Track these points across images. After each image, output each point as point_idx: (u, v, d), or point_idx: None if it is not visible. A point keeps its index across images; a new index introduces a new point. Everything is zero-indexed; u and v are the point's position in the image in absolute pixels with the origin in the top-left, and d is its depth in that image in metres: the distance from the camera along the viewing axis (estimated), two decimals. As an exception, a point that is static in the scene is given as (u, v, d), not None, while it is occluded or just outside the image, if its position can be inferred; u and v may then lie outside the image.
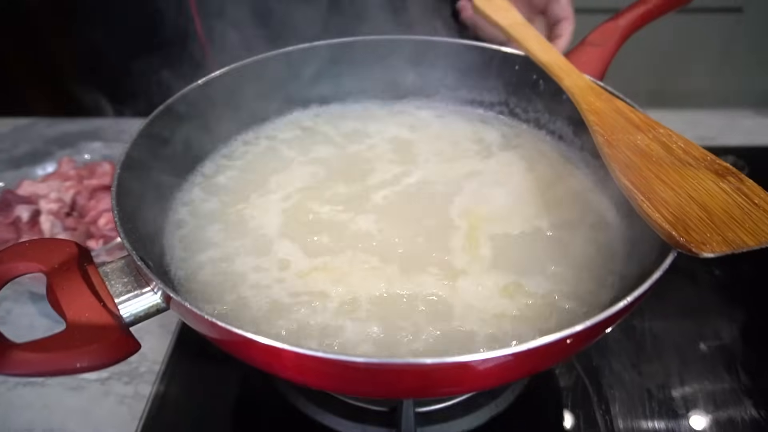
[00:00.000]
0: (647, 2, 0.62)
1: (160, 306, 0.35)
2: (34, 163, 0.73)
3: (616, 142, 0.43)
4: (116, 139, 0.83)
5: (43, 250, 0.35)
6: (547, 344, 0.30)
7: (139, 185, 0.44)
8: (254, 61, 0.57)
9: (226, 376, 0.55)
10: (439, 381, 0.32)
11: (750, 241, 0.34)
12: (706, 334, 0.58)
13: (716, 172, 0.39)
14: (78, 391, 0.55)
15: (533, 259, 0.44)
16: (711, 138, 0.90)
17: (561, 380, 0.54)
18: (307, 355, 0.30)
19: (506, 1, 0.65)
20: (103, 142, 0.77)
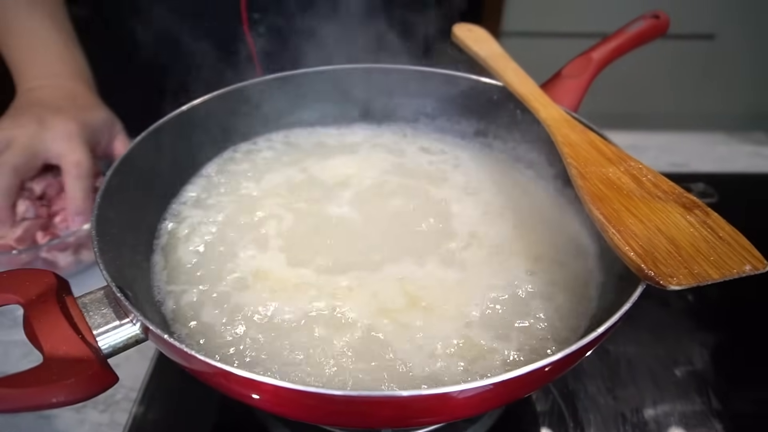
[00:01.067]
0: (619, 37, 0.64)
1: (139, 337, 0.35)
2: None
3: (588, 175, 0.44)
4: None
5: (20, 280, 0.35)
6: (523, 374, 0.30)
7: (120, 211, 0.44)
8: (242, 87, 0.58)
9: (204, 403, 0.55)
10: (417, 412, 0.32)
11: (715, 274, 0.35)
12: (679, 358, 0.59)
13: (684, 206, 0.41)
14: (51, 419, 0.54)
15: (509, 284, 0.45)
16: (683, 164, 0.93)
17: (538, 405, 0.54)
18: (285, 388, 0.30)
19: (485, 32, 0.67)
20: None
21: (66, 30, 0.76)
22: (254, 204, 0.54)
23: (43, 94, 0.70)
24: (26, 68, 0.72)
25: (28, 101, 0.69)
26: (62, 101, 0.69)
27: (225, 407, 0.54)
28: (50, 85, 0.71)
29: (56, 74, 0.72)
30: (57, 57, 0.73)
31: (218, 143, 0.60)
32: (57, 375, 0.30)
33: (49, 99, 0.69)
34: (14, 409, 0.28)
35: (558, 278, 0.46)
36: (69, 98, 0.70)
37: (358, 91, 0.64)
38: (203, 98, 0.55)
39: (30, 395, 0.29)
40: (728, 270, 0.35)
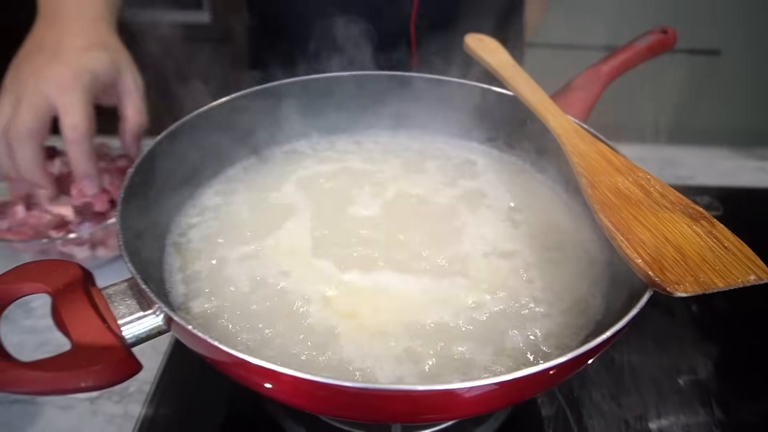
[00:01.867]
0: (628, 51, 0.66)
1: (162, 328, 0.36)
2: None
3: (598, 184, 0.46)
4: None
5: (47, 271, 0.37)
6: (529, 375, 0.31)
7: (142, 207, 0.45)
8: (272, 86, 0.60)
9: (215, 397, 0.56)
10: (426, 408, 0.34)
11: (720, 282, 0.36)
12: (683, 368, 0.60)
13: (690, 216, 0.42)
14: (67, 410, 0.55)
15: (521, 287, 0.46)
16: (688, 177, 0.94)
17: (543, 409, 0.55)
18: (301, 379, 0.31)
19: (496, 42, 0.69)
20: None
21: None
22: (274, 202, 0.56)
23: (50, 29, 0.65)
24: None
25: (34, 39, 0.65)
26: (67, 38, 0.63)
27: (236, 400, 0.55)
28: (59, 15, 0.65)
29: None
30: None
31: (242, 145, 0.62)
32: (86, 361, 0.31)
33: (53, 36, 0.64)
34: (46, 391, 0.30)
35: (566, 283, 0.47)
36: (75, 34, 0.64)
37: (373, 97, 0.65)
38: (228, 97, 0.57)
39: (61, 379, 0.30)
40: (733, 279, 0.36)
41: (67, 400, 0.56)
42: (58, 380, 0.30)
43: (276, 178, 0.60)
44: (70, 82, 0.60)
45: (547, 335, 0.43)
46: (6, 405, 0.56)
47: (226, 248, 0.50)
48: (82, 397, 0.57)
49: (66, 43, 0.63)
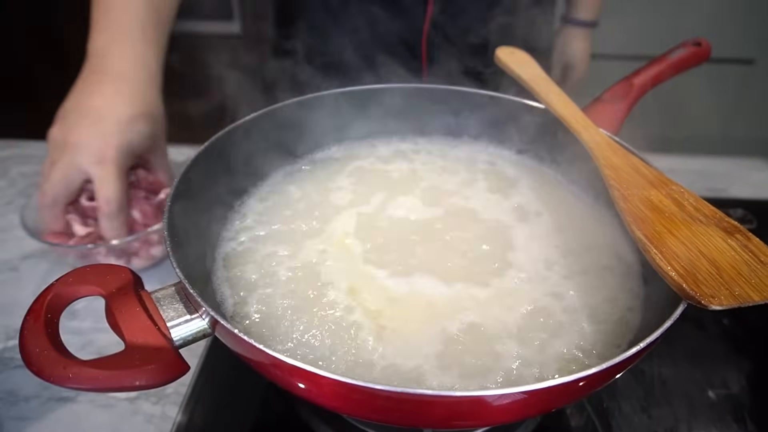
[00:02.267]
0: (661, 63, 0.66)
1: (207, 331, 0.38)
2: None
3: (630, 197, 0.46)
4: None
5: (102, 274, 0.39)
6: (559, 385, 0.32)
7: (189, 214, 0.47)
8: (313, 98, 0.62)
9: (248, 399, 0.57)
10: (458, 413, 0.34)
11: (756, 296, 0.36)
12: (714, 381, 0.60)
13: (725, 230, 0.42)
14: (108, 408, 0.58)
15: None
16: (721, 189, 0.93)
17: (572, 420, 0.55)
18: (342, 382, 0.32)
19: (527, 55, 0.70)
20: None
21: (156, 25, 0.70)
22: (315, 209, 0.58)
23: (98, 87, 0.65)
24: (103, 42, 0.66)
25: (82, 94, 0.65)
26: (113, 105, 0.63)
27: (268, 403, 0.57)
28: (108, 71, 0.65)
29: (126, 57, 0.66)
30: (138, 38, 0.67)
31: (281, 153, 0.64)
32: (139, 361, 0.33)
33: (98, 100, 0.63)
34: (104, 388, 0.32)
35: (599, 295, 0.48)
36: (121, 101, 0.64)
37: (405, 108, 0.67)
38: (269, 108, 0.59)
39: (118, 377, 0.32)
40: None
41: (108, 399, 0.59)
42: (115, 378, 0.32)
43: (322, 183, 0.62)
44: (108, 156, 0.62)
45: (581, 345, 0.44)
46: (51, 403, 0.58)
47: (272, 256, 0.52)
48: (122, 396, 0.59)
49: (110, 112, 0.63)
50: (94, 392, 0.33)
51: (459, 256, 0.51)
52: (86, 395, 0.59)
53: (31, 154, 0.99)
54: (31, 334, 0.33)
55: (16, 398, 0.58)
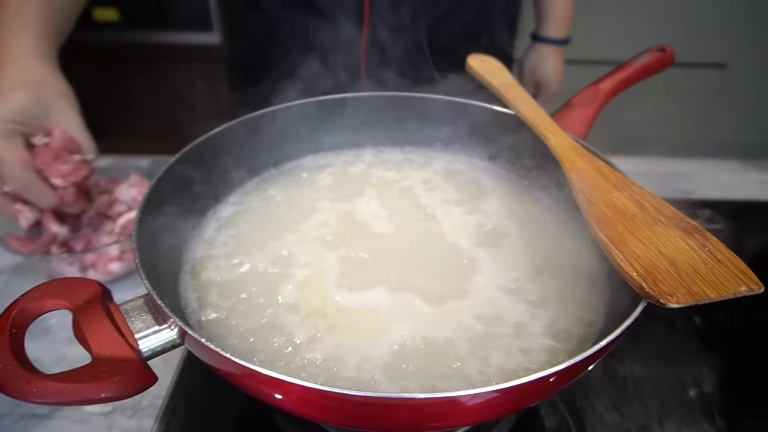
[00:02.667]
0: (626, 69, 0.68)
1: (176, 342, 0.38)
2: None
3: (594, 200, 0.47)
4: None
5: (69, 288, 0.39)
6: (529, 382, 0.33)
7: (157, 225, 0.47)
8: (281, 108, 0.63)
9: (225, 411, 0.57)
10: (430, 415, 0.35)
11: (712, 294, 0.37)
12: (685, 379, 0.61)
13: (684, 230, 0.43)
14: (82, 424, 0.57)
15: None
16: (691, 191, 0.95)
17: (546, 420, 0.56)
18: (309, 388, 0.33)
19: (498, 63, 0.71)
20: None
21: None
22: (284, 217, 0.58)
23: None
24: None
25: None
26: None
27: (245, 414, 0.57)
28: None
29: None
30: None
31: (252, 164, 0.64)
32: (105, 373, 0.33)
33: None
34: (69, 401, 0.31)
35: (568, 297, 0.49)
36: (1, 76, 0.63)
37: (376, 117, 0.68)
38: (234, 122, 0.59)
39: (83, 390, 0.32)
40: (725, 290, 0.38)
41: (82, 414, 0.58)
42: (80, 391, 0.32)
43: (293, 192, 0.62)
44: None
45: (550, 345, 0.44)
46: (24, 420, 0.57)
47: (238, 264, 0.52)
48: (97, 410, 0.58)
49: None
50: (60, 405, 0.32)
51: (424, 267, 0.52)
52: (60, 411, 0.58)
53: None
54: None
55: (-13, 416, 0.58)
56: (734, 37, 2.66)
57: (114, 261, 0.69)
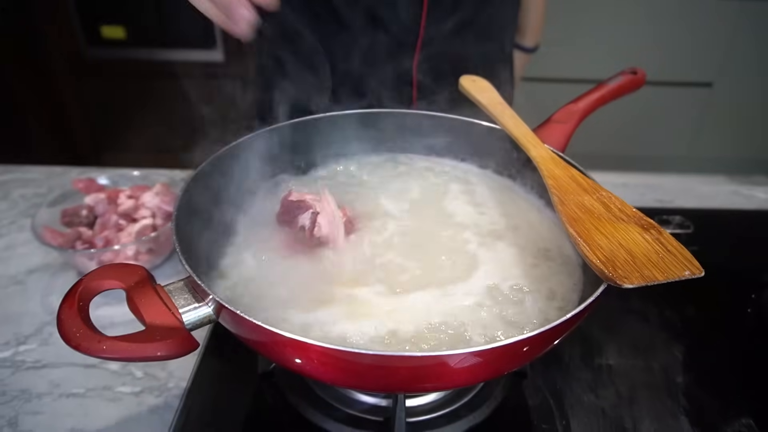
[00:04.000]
0: (601, 89, 0.76)
1: (212, 317, 0.45)
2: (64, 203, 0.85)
3: (567, 201, 0.55)
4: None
5: (122, 272, 0.46)
6: (506, 345, 0.40)
7: (192, 218, 0.55)
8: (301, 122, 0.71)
9: (242, 390, 0.64)
10: (422, 375, 0.42)
11: (660, 276, 0.45)
12: (654, 366, 0.68)
13: (642, 226, 0.51)
14: (115, 402, 0.64)
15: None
16: (668, 201, 1.03)
17: (529, 400, 0.63)
18: (326, 348, 0.40)
19: (487, 83, 0.79)
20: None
21: None
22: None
23: None
24: None
25: None
26: None
27: (261, 393, 0.64)
28: None
29: None
30: None
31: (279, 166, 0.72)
32: (159, 336, 0.40)
33: None
34: (132, 358, 0.39)
35: (548, 280, 0.56)
36: None
37: (379, 131, 0.76)
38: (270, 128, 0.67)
39: (143, 349, 0.39)
40: (671, 274, 0.45)
41: (115, 393, 0.65)
42: (141, 349, 0.39)
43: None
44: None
45: (533, 320, 0.52)
46: (62, 399, 0.64)
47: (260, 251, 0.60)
48: (128, 390, 0.65)
49: None
50: (125, 361, 0.39)
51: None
52: (94, 391, 0.65)
53: (30, 177, 1.06)
54: (68, 317, 0.40)
55: (29, 396, 0.64)
56: (719, 57, 2.77)
57: (129, 260, 0.77)
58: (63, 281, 0.81)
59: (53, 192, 1.01)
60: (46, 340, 0.72)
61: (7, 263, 0.84)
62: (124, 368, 0.68)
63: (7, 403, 0.63)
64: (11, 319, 0.74)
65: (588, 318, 0.49)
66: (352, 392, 0.61)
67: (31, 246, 0.87)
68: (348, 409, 0.60)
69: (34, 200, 1.00)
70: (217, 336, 0.70)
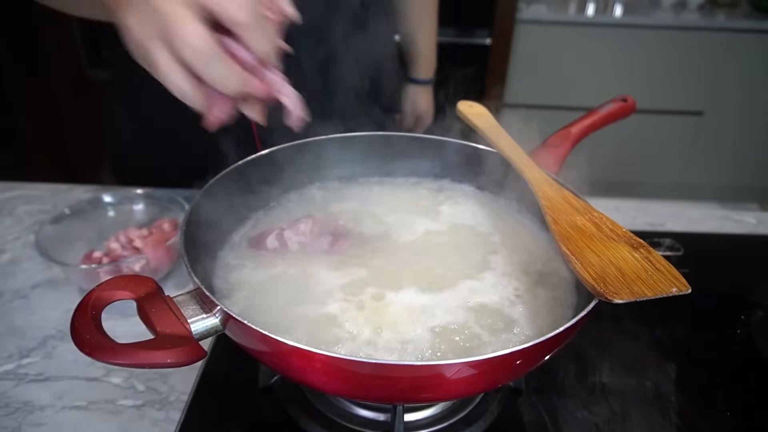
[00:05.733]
0: (593, 115, 0.79)
1: (218, 328, 0.47)
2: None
3: (560, 221, 0.57)
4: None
5: (133, 283, 0.48)
6: (502, 356, 0.42)
7: (197, 235, 0.57)
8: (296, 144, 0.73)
9: (242, 404, 0.65)
10: (421, 385, 0.44)
11: (649, 292, 0.47)
12: (646, 384, 0.70)
13: (632, 246, 0.53)
14: (117, 414, 0.65)
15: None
16: (659, 224, 1.06)
17: (525, 415, 0.65)
18: (330, 356, 0.42)
19: (483, 108, 0.82)
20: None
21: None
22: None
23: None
24: None
25: None
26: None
27: (259, 407, 0.65)
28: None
29: None
30: None
31: (265, 193, 0.74)
32: (169, 344, 0.41)
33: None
34: (143, 364, 0.40)
35: (542, 298, 0.58)
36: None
37: (376, 153, 0.79)
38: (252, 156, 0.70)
39: (154, 356, 0.40)
40: (659, 290, 0.47)
41: (117, 406, 0.66)
42: (151, 356, 0.40)
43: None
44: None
45: (525, 336, 0.54)
46: (64, 411, 0.65)
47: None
48: (130, 404, 0.66)
49: None
50: (136, 367, 0.41)
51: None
52: (96, 403, 0.66)
53: (35, 194, 1.08)
54: (81, 324, 0.42)
55: (32, 408, 0.65)
56: (710, 87, 2.84)
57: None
58: (66, 296, 0.83)
59: (57, 209, 1.04)
60: (50, 353, 0.73)
61: (12, 278, 0.85)
62: (127, 381, 0.69)
63: (10, 414, 0.64)
64: (15, 333, 0.75)
65: (581, 336, 0.51)
66: (352, 406, 0.62)
67: (34, 261, 0.89)
68: (347, 423, 0.61)
69: (38, 216, 1.02)
70: (219, 351, 0.71)
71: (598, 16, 2.71)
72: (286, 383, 0.66)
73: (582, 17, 2.70)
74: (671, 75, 2.78)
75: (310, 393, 0.64)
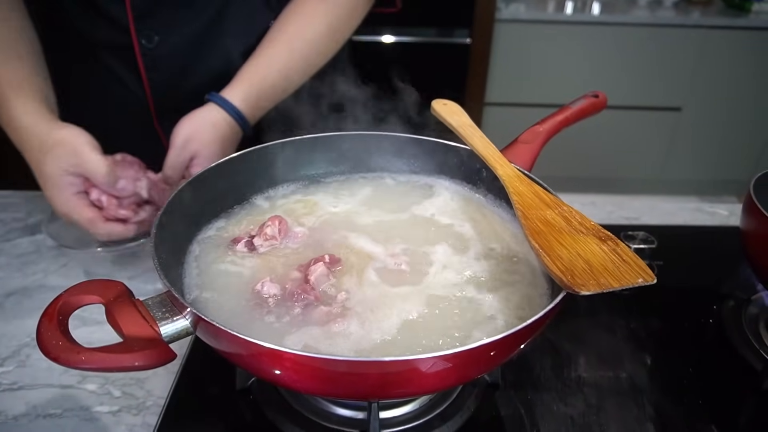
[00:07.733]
0: (564, 112, 0.80)
1: (189, 329, 0.47)
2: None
3: (530, 216, 0.58)
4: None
5: (101, 287, 0.47)
6: (475, 348, 0.42)
7: (166, 238, 0.57)
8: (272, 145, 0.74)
9: (220, 407, 0.65)
10: (395, 380, 0.44)
11: (615, 284, 0.48)
12: (620, 374, 0.71)
13: (600, 238, 0.54)
14: (92, 422, 0.64)
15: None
16: (635, 218, 1.07)
17: (502, 410, 0.65)
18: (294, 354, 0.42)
19: (458, 106, 0.83)
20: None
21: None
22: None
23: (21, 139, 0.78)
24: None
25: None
26: (28, 155, 0.77)
27: (237, 410, 0.65)
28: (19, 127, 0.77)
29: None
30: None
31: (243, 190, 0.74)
32: (137, 347, 0.41)
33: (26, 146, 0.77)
34: (110, 368, 0.40)
35: (516, 290, 0.59)
36: (30, 149, 0.77)
37: (356, 152, 0.79)
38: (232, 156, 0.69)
39: (121, 359, 0.40)
40: (626, 281, 0.48)
41: (92, 413, 0.65)
42: (119, 360, 0.40)
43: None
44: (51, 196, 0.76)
45: (501, 327, 0.54)
46: (38, 420, 0.64)
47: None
48: (105, 410, 0.65)
49: (33, 162, 0.77)
50: (103, 371, 0.40)
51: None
52: (71, 411, 0.65)
53: (9, 202, 1.06)
54: (47, 331, 0.42)
55: (5, 417, 0.64)
56: (687, 83, 2.88)
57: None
58: (40, 304, 0.81)
59: (32, 216, 1.03)
60: (23, 362, 0.72)
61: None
62: (102, 388, 0.68)
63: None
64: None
65: (557, 329, 0.51)
66: (329, 405, 0.63)
67: (9, 269, 0.88)
68: (325, 423, 0.61)
69: (12, 225, 1.00)
70: (195, 354, 0.71)
71: (577, 14, 2.74)
72: (264, 385, 0.65)
73: (560, 15, 2.72)
74: (649, 71, 2.82)
75: (288, 394, 0.64)
